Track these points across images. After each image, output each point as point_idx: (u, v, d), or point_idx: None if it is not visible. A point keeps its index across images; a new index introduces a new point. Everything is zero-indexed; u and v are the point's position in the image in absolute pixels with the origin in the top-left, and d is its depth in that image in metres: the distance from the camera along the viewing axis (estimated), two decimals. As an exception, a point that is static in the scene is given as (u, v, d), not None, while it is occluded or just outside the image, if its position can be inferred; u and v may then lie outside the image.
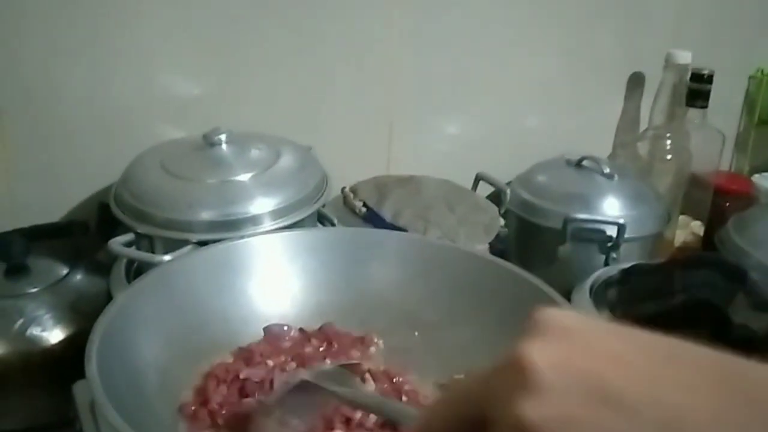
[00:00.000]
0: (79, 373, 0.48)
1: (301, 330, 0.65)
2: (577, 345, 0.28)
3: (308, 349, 0.63)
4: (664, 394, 0.26)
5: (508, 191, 0.92)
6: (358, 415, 0.54)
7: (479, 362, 0.61)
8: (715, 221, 1.02)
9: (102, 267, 0.76)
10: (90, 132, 0.83)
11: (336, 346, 0.63)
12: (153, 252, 0.70)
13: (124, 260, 0.75)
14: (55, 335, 0.69)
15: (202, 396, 0.56)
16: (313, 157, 0.82)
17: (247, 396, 0.57)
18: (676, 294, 0.71)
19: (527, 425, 0.26)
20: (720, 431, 0.25)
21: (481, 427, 0.28)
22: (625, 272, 0.77)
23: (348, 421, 0.54)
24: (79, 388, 0.59)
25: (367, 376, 0.59)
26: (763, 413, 0.25)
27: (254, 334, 0.64)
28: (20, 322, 0.68)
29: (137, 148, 0.78)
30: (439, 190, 0.88)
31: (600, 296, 0.75)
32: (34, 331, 0.68)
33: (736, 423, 0.25)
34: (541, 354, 0.27)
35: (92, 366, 0.48)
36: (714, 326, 0.68)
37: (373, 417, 0.54)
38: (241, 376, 0.58)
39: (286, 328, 0.65)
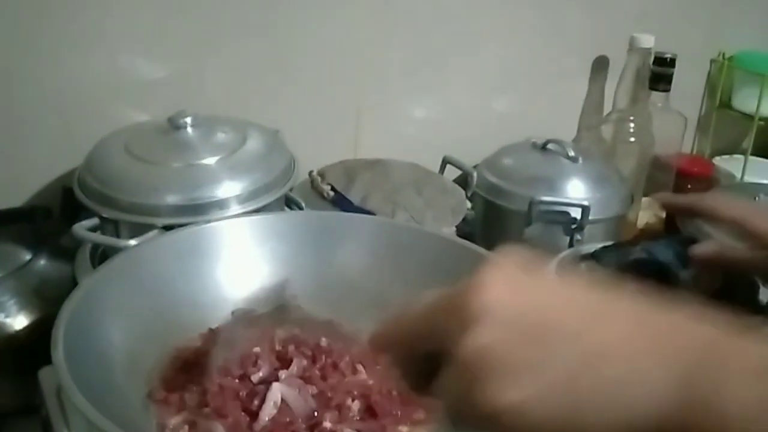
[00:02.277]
0: (45, 359, 0.48)
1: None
2: (523, 284, 0.32)
3: (278, 333, 0.63)
4: (591, 330, 0.30)
5: (475, 174, 0.93)
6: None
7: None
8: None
9: (66, 252, 0.75)
10: (52, 115, 0.81)
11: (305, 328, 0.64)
12: (118, 237, 0.69)
13: (89, 245, 0.74)
14: (19, 321, 0.68)
15: (170, 381, 0.56)
16: (280, 140, 0.81)
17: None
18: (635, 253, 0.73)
19: (470, 352, 0.30)
20: (632, 362, 0.30)
21: (437, 344, 0.32)
22: (591, 255, 0.78)
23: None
24: (44, 374, 0.58)
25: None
26: (663, 345, 0.30)
27: (223, 318, 0.64)
28: (-17, 308, 0.67)
29: (101, 131, 0.77)
30: (407, 173, 0.88)
31: (567, 275, 0.76)
32: (-2, 317, 0.67)
33: (647, 358, 0.30)
34: (491, 288, 0.31)
35: (58, 351, 0.47)
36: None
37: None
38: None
39: (254, 311, 0.65)
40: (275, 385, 0.55)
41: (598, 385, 0.30)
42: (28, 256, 0.73)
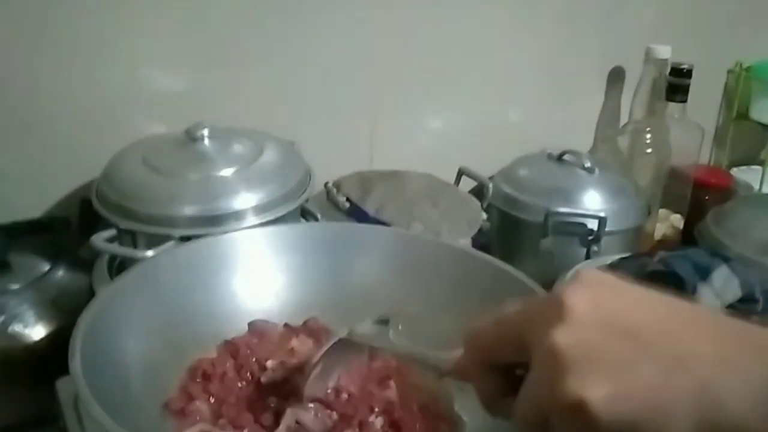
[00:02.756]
0: (62, 369, 0.48)
1: (286, 325, 0.66)
2: (607, 291, 0.33)
3: (294, 344, 0.63)
4: (675, 335, 0.31)
5: (491, 185, 0.93)
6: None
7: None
8: (694, 214, 1.03)
9: (84, 263, 0.76)
10: (71, 127, 0.82)
11: (322, 341, 0.64)
12: (135, 248, 0.70)
13: (107, 256, 0.75)
14: (37, 332, 0.69)
15: (187, 392, 0.56)
16: (296, 152, 0.82)
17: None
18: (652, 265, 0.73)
19: (557, 349, 0.31)
20: (720, 368, 0.30)
21: (520, 351, 0.34)
22: (608, 267, 0.78)
23: None
24: (62, 385, 0.58)
25: None
26: (752, 344, 0.30)
27: (239, 329, 0.64)
28: (1, 319, 0.68)
29: (119, 143, 0.78)
30: (422, 184, 0.88)
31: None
32: (16, 327, 0.68)
33: (733, 362, 0.30)
34: (575, 294, 0.32)
35: (76, 362, 0.48)
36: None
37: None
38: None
39: (270, 323, 0.65)
40: (289, 411, 0.54)
41: (689, 385, 0.29)
42: (46, 267, 0.74)
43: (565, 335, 0.31)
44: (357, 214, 0.82)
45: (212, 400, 0.55)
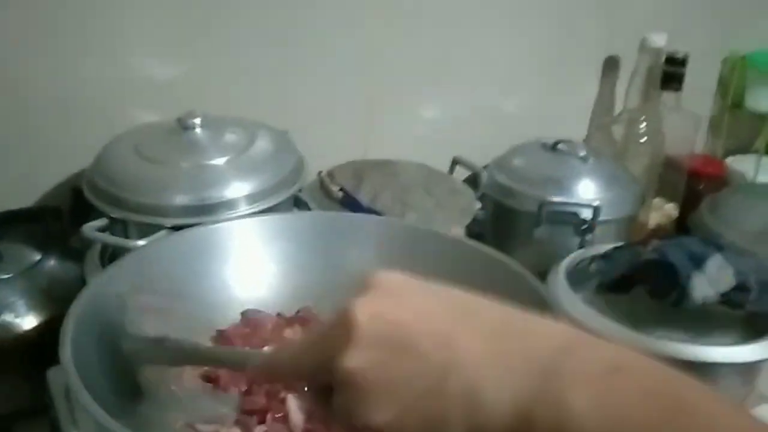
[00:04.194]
0: (53, 359, 0.48)
1: (278, 315, 0.65)
2: (391, 301, 0.33)
3: (287, 334, 0.63)
4: (449, 341, 0.32)
5: (485, 175, 0.93)
6: None
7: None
8: (689, 203, 1.03)
9: (75, 252, 0.75)
10: (62, 116, 0.81)
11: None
12: (127, 237, 0.69)
13: (98, 245, 0.74)
14: (28, 321, 0.68)
15: None
16: (290, 140, 0.81)
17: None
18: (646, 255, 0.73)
19: (348, 374, 0.32)
20: (487, 366, 0.31)
21: (328, 374, 0.33)
22: (601, 256, 0.78)
23: None
24: (53, 374, 0.58)
25: None
26: (518, 349, 0.31)
27: (232, 318, 0.64)
28: (-7, 308, 0.67)
29: (111, 132, 0.77)
30: (416, 174, 0.88)
31: (577, 277, 0.76)
32: (7, 317, 0.68)
33: (501, 361, 0.31)
34: (361, 309, 0.33)
35: (67, 351, 0.47)
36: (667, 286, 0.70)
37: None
38: None
39: (263, 313, 0.65)
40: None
41: (457, 391, 0.31)
42: (37, 257, 0.73)
43: (353, 359, 0.32)
44: (350, 203, 0.82)
45: None
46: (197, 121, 0.75)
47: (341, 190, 0.84)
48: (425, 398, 0.31)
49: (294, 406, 0.53)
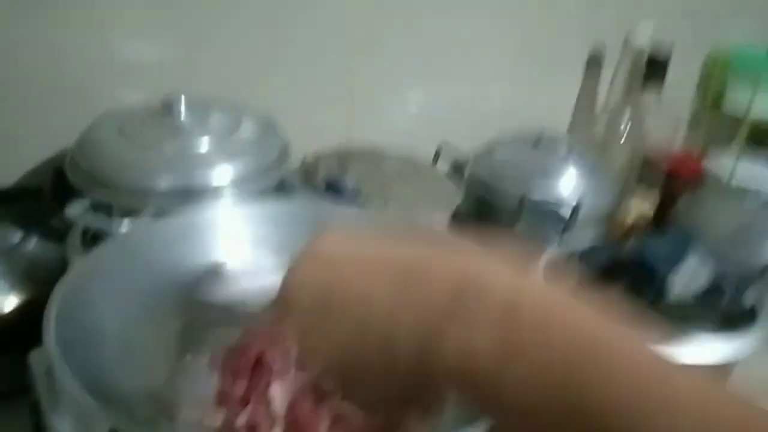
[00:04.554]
0: (34, 341, 0.48)
1: None
2: (321, 263, 0.37)
3: None
4: (365, 297, 0.35)
5: (467, 169, 0.93)
6: None
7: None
8: (666, 201, 1.04)
9: (57, 233, 0.74)
10: (45, 95, 0.81)
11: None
12: (110, 219, 0.69)
13: (80, 227, 0.74)
14: (9, 303, 0.68)
15: None
16: (275, 125, 0.81)
17: None
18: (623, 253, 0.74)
19: (288, 340, 0.36)
20: (395, 318, 0.34)
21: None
22: (579, 254, 0.79)
23: None
24: (34, 357, 0.58)
25: None
26: (423, 304, 0.34)
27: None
28: (-28, 289, 0.67)
29: (94, 112, 0.76)
30: (400, 164, 0.88)
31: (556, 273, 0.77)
32: (-13, 298, 0.67)
33: (405, 312, 0.34)
34: (294, 275, 0.37)
35: (50, 334, 0.47)
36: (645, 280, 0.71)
37: None
38: None
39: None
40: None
41: (373, 347, 0.35)
42: (18, 238, 0.73)
43: (289, 324, 0.36)
44: (334, 191, 0.82)
45: None
46: (181, 103, 0.75)
47: (325, 177, 0.84)
48: (351, 351, 0.35)
49: (277, 393, 0.53)
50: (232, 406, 0.53)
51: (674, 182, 1.11)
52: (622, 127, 1.06)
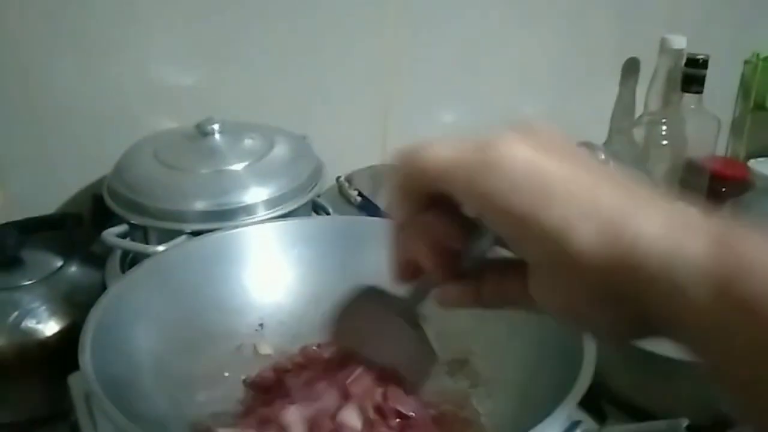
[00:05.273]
0: (75, 364, 0.48)
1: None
2: (531, 138, 0.35)
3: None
4: (584, 185, 0.33)
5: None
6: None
7: (477, 348, 0.61)
8: (712, 206, 1.02)
9: (97, 259, 0.76)
10: (84, 123, 0.82)
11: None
12: (147, 243, 0.70)
13: (119, 252, 0.75)
14: (50, 327, 0.69)
15: None
16: (308, 146, 0.81)
17: None
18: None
19: (482, 193, 0.33)
20: (570, 183, 0.32)
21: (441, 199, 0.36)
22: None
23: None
24: (74, 380, 0.58)
25: None
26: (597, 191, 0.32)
27: (249, 323, 0.64)
28: (15, 314, 0.68)
29: (131, 138, 0.78)
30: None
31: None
32: (29, 323, 0.68)
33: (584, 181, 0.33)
34: (507, 143, 0.34)
35: (86, 356, 0.48)
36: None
37: None
38: None
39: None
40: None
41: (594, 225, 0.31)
42: (59, 263, 0.74)
43: (491, 181, 0.33)
44: (368, 208, 0.82)
45: None
46: (216, 126, 0.75)
47: (359, 194, 0.84)
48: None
49: (294, 418, 0.53)
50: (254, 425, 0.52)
51: (719, 186, 1.08)
52: (663, 132, 1.04)
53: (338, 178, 0.87)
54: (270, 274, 0.67)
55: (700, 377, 0.31)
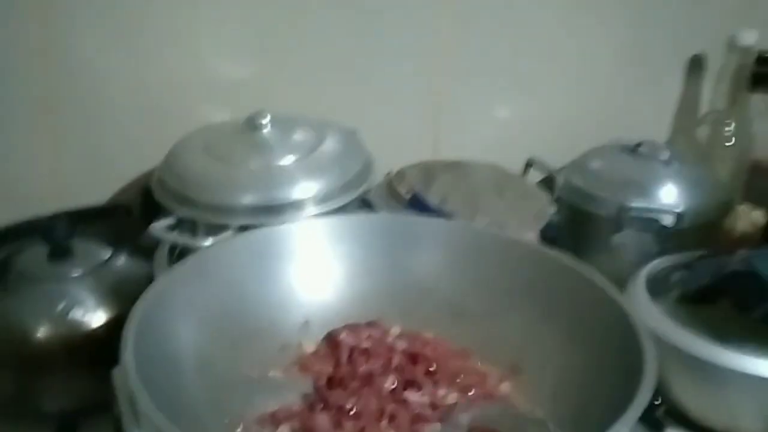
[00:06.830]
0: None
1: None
2: None
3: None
4: None
5: (560, 177, 0.89)
6: None
7: (526, 354, 0.60)
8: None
9: (145, 251, 0.75)
10: (135, 114, 0.82)
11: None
12: (195, 236, 0.69)
13: (168, 244, 0.74)
14: (97, 318, 0.68)
15: None
16: (358, 140, 0.80)
17: None
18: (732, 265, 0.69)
19: None
20: None
21: None
22: (684, 265, 0.74)
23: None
24: (118, 372, 0.58)
25: None
26: None
27: (294, 321, 0.63)
28: (62, 305, 0.68)
29: (181, 130, 0.78)
30: (488, 175, 0.85)
31: (658, 286, 0.72)
32: (77, 314, 0.68)
33: None
34: None
35: (128, 353, 0.47)
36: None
37: None
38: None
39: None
40: None
41: None
42: (107, 254, 0.74)
43: None
44: (419, 205, 0.80)
45: None
46: (266, 120, 0.74)
47: (410, 191, 0.82)
48: None
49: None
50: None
51: (788, 189, 1.04)
52: (728, 131, 0.99)
53: (388, 173, 0.85)
54: (317, 271, 0.66)
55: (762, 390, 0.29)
